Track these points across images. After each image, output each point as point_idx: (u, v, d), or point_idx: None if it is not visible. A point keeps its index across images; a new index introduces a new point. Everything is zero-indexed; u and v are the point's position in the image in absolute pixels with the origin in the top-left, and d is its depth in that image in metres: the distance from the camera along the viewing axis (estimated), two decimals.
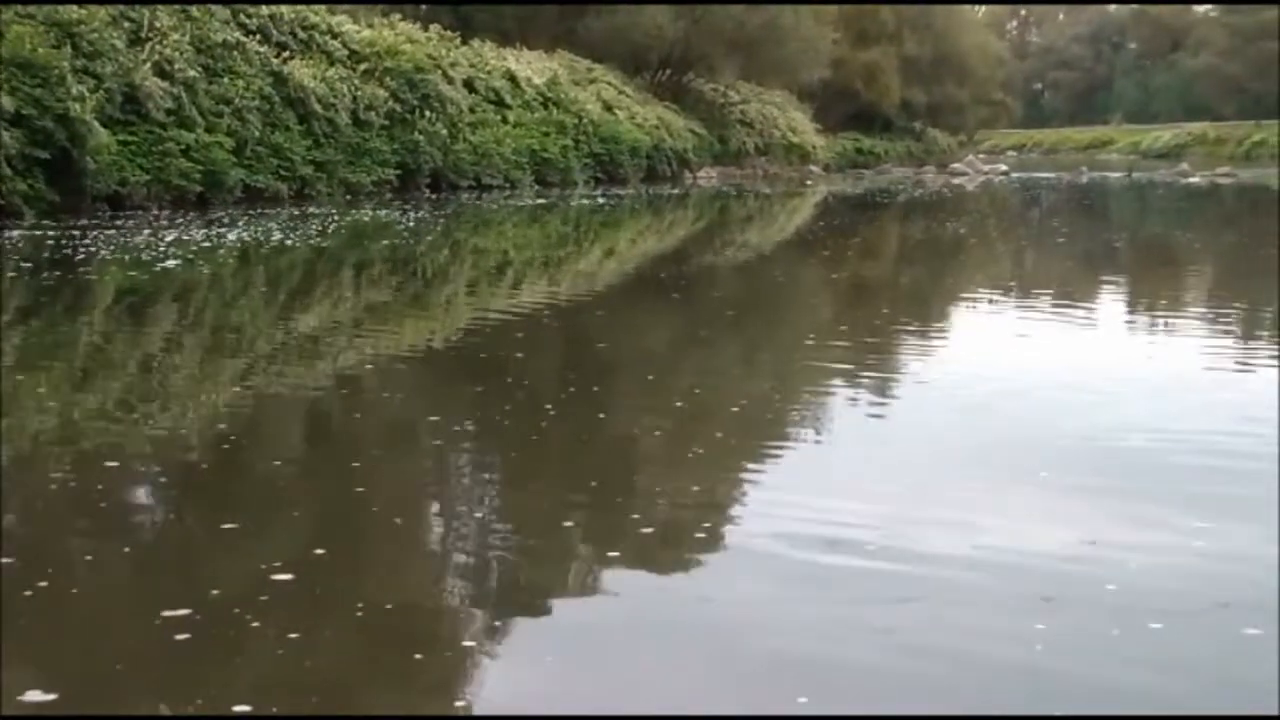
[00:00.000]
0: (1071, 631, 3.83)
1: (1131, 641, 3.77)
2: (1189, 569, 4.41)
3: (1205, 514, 5.05)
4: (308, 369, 8.59)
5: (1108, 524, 4.96)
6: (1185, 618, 3.96)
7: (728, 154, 45.66)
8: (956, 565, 4.41)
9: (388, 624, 3.93)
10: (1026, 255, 19.94)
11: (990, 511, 5.13)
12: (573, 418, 7.04)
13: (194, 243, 16.23)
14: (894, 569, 4.37)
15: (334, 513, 5.12)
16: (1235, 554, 4.56)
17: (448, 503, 5.46)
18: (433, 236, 18.91)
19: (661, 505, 5.39)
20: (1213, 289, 14.87)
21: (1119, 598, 4.09)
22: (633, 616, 4.07)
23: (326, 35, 27.61)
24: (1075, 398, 7.54)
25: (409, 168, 28.08)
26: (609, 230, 22.54)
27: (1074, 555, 4.51)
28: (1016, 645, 3.72)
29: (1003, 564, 4.44)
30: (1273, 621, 3.90)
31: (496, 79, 33.31)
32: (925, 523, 4.93)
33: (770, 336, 10.67)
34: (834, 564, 4.43)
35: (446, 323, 11.16)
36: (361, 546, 4.74)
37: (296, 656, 3.65)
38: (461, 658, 3.71)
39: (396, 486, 5.61)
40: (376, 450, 6.34)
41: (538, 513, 5.19)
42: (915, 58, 67.54)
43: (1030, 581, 4.27)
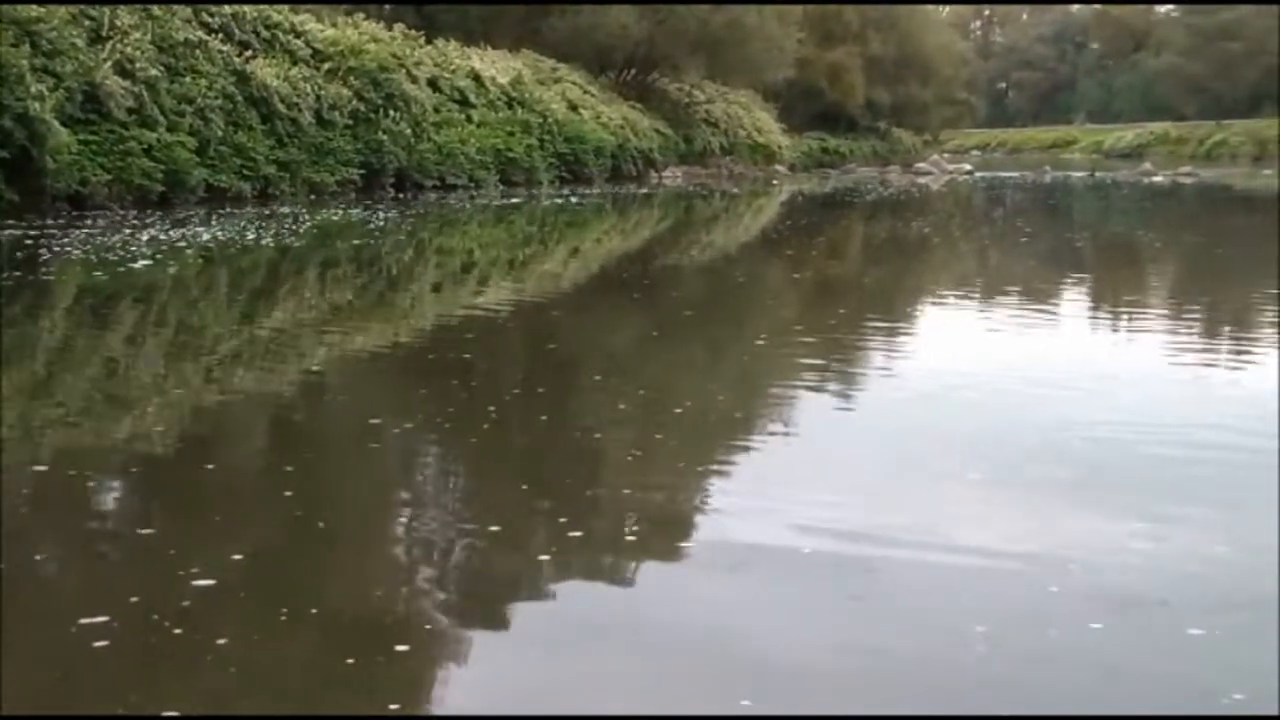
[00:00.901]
0: (1013, 632, 3.83)
1: (1070, 642, 3.76)
2: (1134, 567, 4.41)
3: (1157, 512, 5.07)
4: (258, 372, 8.50)
5: (1056, 522, 4.96)
6: (1127, 618, 3.96)
7: (693, 154, 45.67)
8: (910, 566, 4.42)
9: (316, 629, 3.88)
10: (991, 254, 20.02)
11: (946, 510, 5.14)
12: (536, 417, 7.02)
13: (166, 243, 16.09)
14: (852, 568, 4.37)
15: (261, 517, 5.06)
16: (1182, 552, 4.57)
17: (388, 506, 5.39)
18: (401, 236, 18.82)
19: (625, 504, 5.36)
20: (1174, 288, 14.97)
21: (1060, 598, 4.08)
22: (590, 617, 4.05)
23: (290, 34, 27.46)
24: (1036, 395, 7.58)
25: (373, 167, 27.95)
26: (574, 230, 22.50)
27: (1022, 554, 4.52)
28: (958, 647, 3.71)
29: (953, 564, 4.44)
30: (1216, 621, 3.90)
31: (461, 78, 33.20)
32: (883, 522, 4.92)
33: (735, 335, 10.66)
34: (794, 562, 4.43)
35: (411, 323, 11.11)
36: (288, 551, 4.69)
37: (223, 663, 3.61)
38: (397, 662, 3.67)
39: (329, 490, 5.54)
40: (313, 454, 6.29)
41: (497, 512, 5.16)
42: (880, 57, 67.73)
43: (977, 582, 4.27)
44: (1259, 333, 10.90)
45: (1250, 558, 4.53)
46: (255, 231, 18.37)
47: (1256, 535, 4.81)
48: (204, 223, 19.26)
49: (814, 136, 63.08)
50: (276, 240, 17.40)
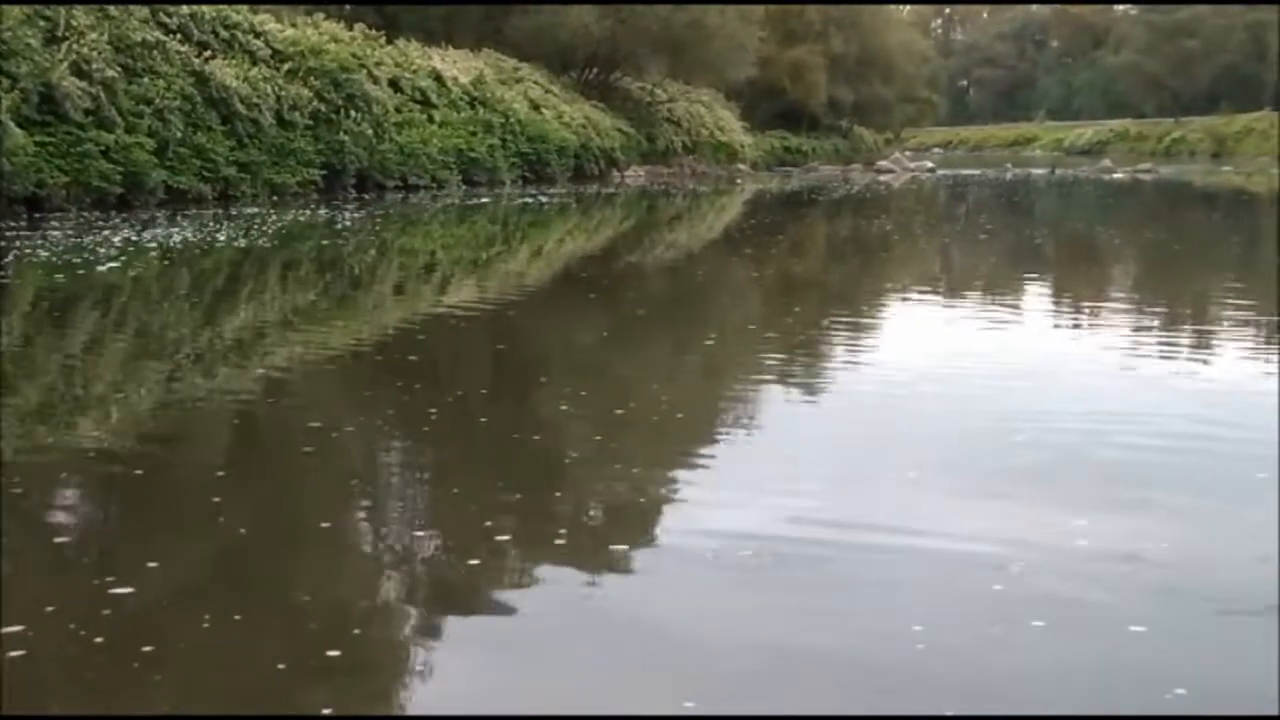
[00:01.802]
0: (953, 630, 3.83)
1: (1011, 639, 3.76)
2: (1080, 563, 4.41)
3: (1108, 506, 5.09)
4: (205, 377, 8.35)
5: (1006, 517, 4.98)
6: (1069, 614, 3.96)
7: (655, 153, 45.67)
8: (859, 562, 4.45)
9: (243, 636, 3.84)
10: (952, 252, 20.09)
11: (900, 506, 5.16)
12: (501, 417, 7.01)
13: (139, 245, 15.96)
14: (805, 564, 4.39)
15: (186, 524, 5.00)
16: (1128, 547, 4.56)
17: (316, 510, 5.33)
18: (368, 236, 18.75)
19: (589, 503, 5.36)
20: (1133, 284, 15.06)
21: (1003, 595, 4.09)
22: (552, 617, 4.04)
23: (249, 34, 27.28)
24: (994, 390, 7.62)
25: (334, 168, 27.82)
26: (537, 230, 22.46)
27: (971, 549, 4.54)
28: (898, 645, 3.71)
29: (902, 560, 4.46)
30: (1160, 618, 3.91)
31: (422, 79, 33.09)
32: (837, 518, 4.94)
33: (698, 334, 10.65)
34: (748, 561, 4.44)
35: (371, 325, 11.05)
36: (210, 557, 4.64)
37: (146, 671, 3.57)
38: (325, 667, 3.65)
39: (259, 495, 5.48)
40: (249, 459, 6.25)
41: (462, 513, 5.14)
42: (841, 56, 67.88)
43: (924, 578, 4.29)
44: (1216, 326, 10.99)
45: (1195, 552, 4.56)
46: (227, 232, 18.28)
47: (1203, 529, 4.85)
48: (169, 224, 19.13)
49: (776, 135, 63.16)
50: (249, 240, 17.32)
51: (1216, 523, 4.94)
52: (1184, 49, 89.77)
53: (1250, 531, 4.78)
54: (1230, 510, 5.11)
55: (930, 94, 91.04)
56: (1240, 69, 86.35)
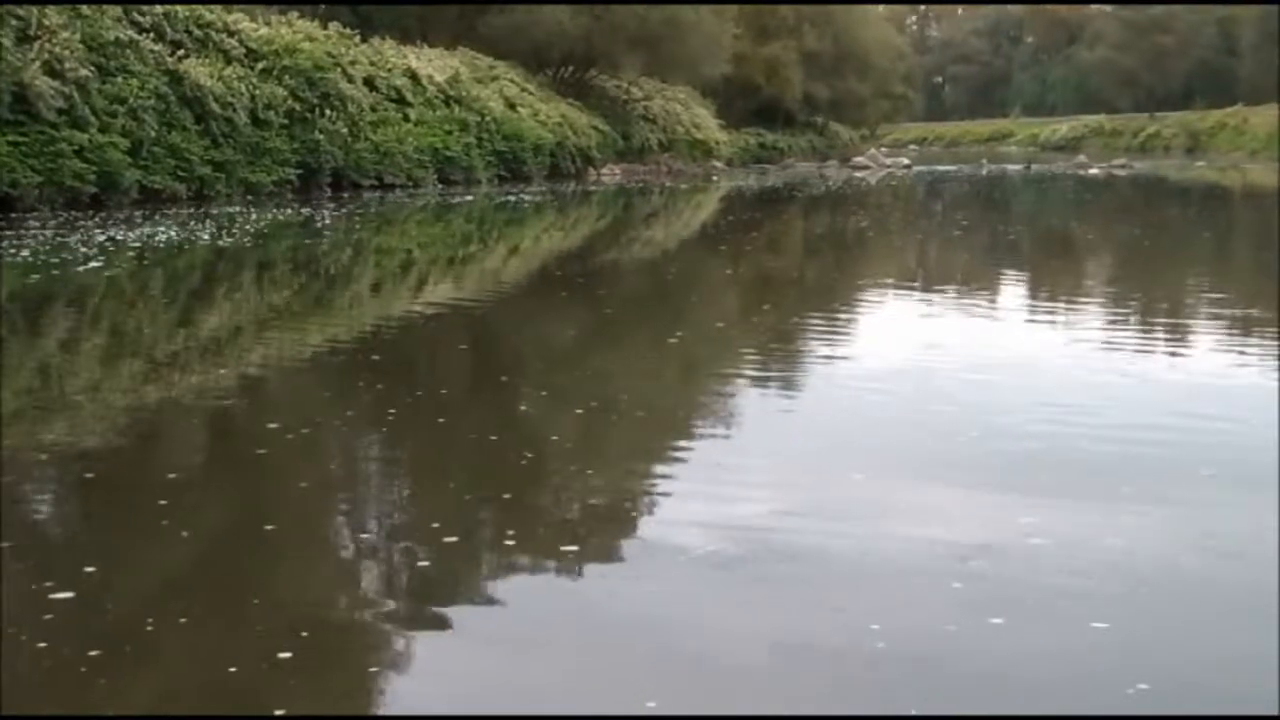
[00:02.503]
0: (910, 628, 3.82)
1: (970, 637, 3.76)
2: (1043, 560, 4.40)
3: (1074, 502, 5.10)
4: (166, 380, 8.33)
5: (972, 513, 4.98)
6: (1029, 612, 3.95)
7: (631, 150, 45.64)
8: (826, 560, 4.45)
9: (191, 639, 3.82)
10: (927, 248, 20.13)
11: (868, 502, 5.16)
12: (478, 416, 6.99)
13: (125, 245, 15.89)
14: (770, 560, 4.41)
15: (131, 527, 4.94)
16: (1092, 543, 4.56)
17: (263, 512, 5.31)
18: (347, 236, 18.72)
19: (566, 503, 5.34)
20: (1107, 281, 15.11)
21: (962, 593, 4.08)
22: (532, 617, 4.03)
23: (223, 33, 27.16)
24: (968, 386, 7.61)
25: (310, 167, 27.73)
26: (513, 228, 22.43)
27: (932, 545, 4.53)
28: (857, 643, 3.70)
29: (866, 556, 4.46)
30: (1121, 613, 3.91)
31: (397, 77, 32.99)
32: (802, 514, 4.94)
33: (675, 332, 10.63)
34: (724, 560, 4.45)
35: (349, 323, 11.03)
36: (149, 561, 4.59)
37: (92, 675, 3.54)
38: (275, 671, 3.62)
39: (202, 498, 5.42)
40: (202, 461, 6.20)
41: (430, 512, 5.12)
42: (816, 52, 67.87)
43: (887, 575, 4.29)
44: (1187, 321, 11.05)
45: (1155, 548, 4.55)
46: (209, 231, 18.21)
47: (1165, 525, 4.84)
48: (150, 223, 19.02)
49: (752, 132, 63.18)
50: (234, 240, 17.26)
51: (1178, 518, 4.94)
52: (1157, 45, 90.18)
53: (1210, 528, 4.79)
54: (1192, 505, 5.11)
55: (906, 90, 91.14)
56: (1213, 64, 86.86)
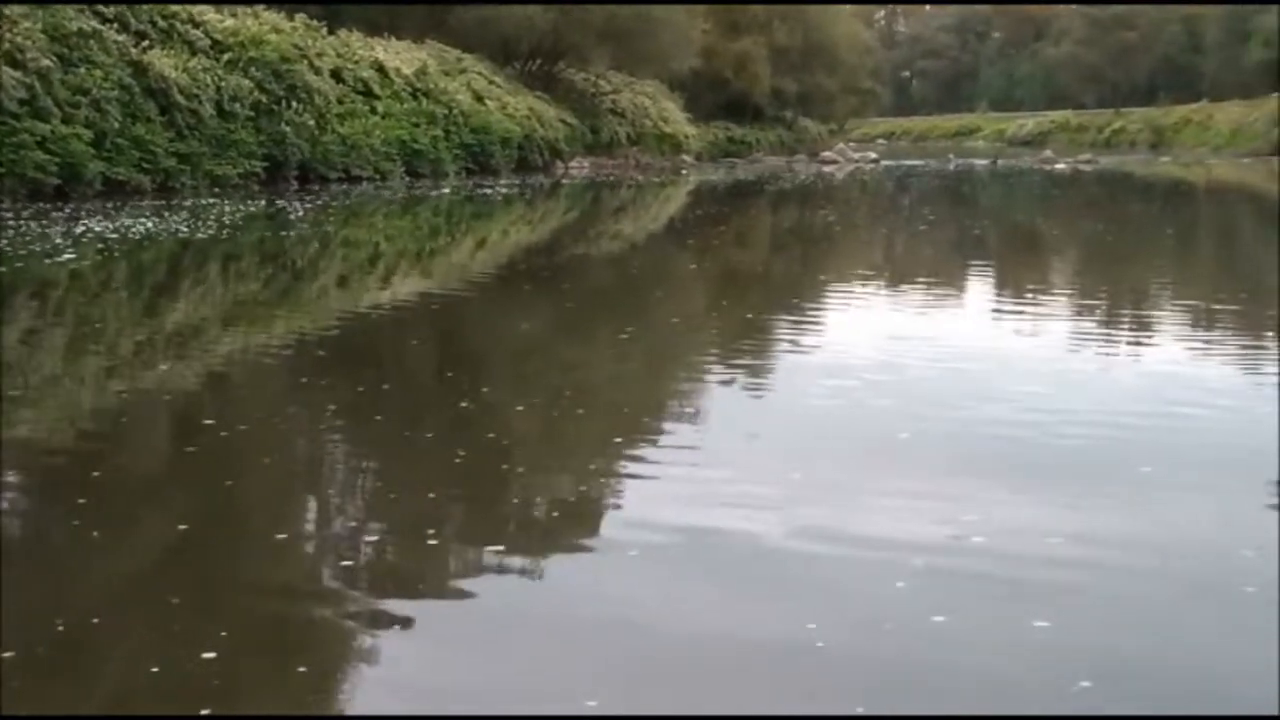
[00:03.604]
0: (849, 627, 3.82)
1: (910, 635, 3.75)
2: (985, 559, 4.40)
3: (1012, 503, 5.11)
4: (118, 376, 8.28)
5: (921, 511, 4.96)
6: (971, 611, 3.94)
7: (600, 144, 45.54)
8: (770, 558, 4.43)
9: (110, 640, 3.78)
10: (893, 243, 20.18)
11: (816, 501, 5.14)
12: (447, 410, 6.96)
13: (99, 235, 15.74)
14: (723, 561, 4.41)
15: (39, 527, 4.89)
16: (1038, 541, 4.55)
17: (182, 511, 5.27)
18: (315, 229, 18.61)
19: (536, 497, 5.32)
20: (1072, 276, 15.17)
21: (905, 592, 4.08)
22: (502, 611, 4.03)
23: (188, 24, 26.94)
24: (930, 381, 7.63)
25: (276, 159, 27.54)
26: (481, 222, 22.37)
27: (877, 544, 4.53)
28: (795, 640, 3.69)
29: (812, 558, 4.45)
30: (1062, 611, 3.90)
31: (365, 69, 32.81)
32: (745, 513, 4.91)
33: (643, 326, 10.62)
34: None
35: (313, 316, 10.96)
36: (59, 562, 4.52)
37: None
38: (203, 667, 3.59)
39: (120, 497, 5.33)
40: (126, 459, 6.10)
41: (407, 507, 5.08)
42: (785, 47, 67.86)
43: (830, 573, 4.28)
44: (1150, 317, 11.11)
45: (1097, 545, 4.54)
46: (178, 224, 18.08)
47: (1108, 522, 4.84)
48: (117, 215, 18.84)
49: (720, 126, 63.16)
50: (216, 232, 17.16)
51: (1121, 513, 4.94)
52: (1122, 41, 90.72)
53: (1155, 525, 4.80)
54: (1136, 503, 5.11)
55: (874, 85, 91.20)
56: (1177, 61, 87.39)
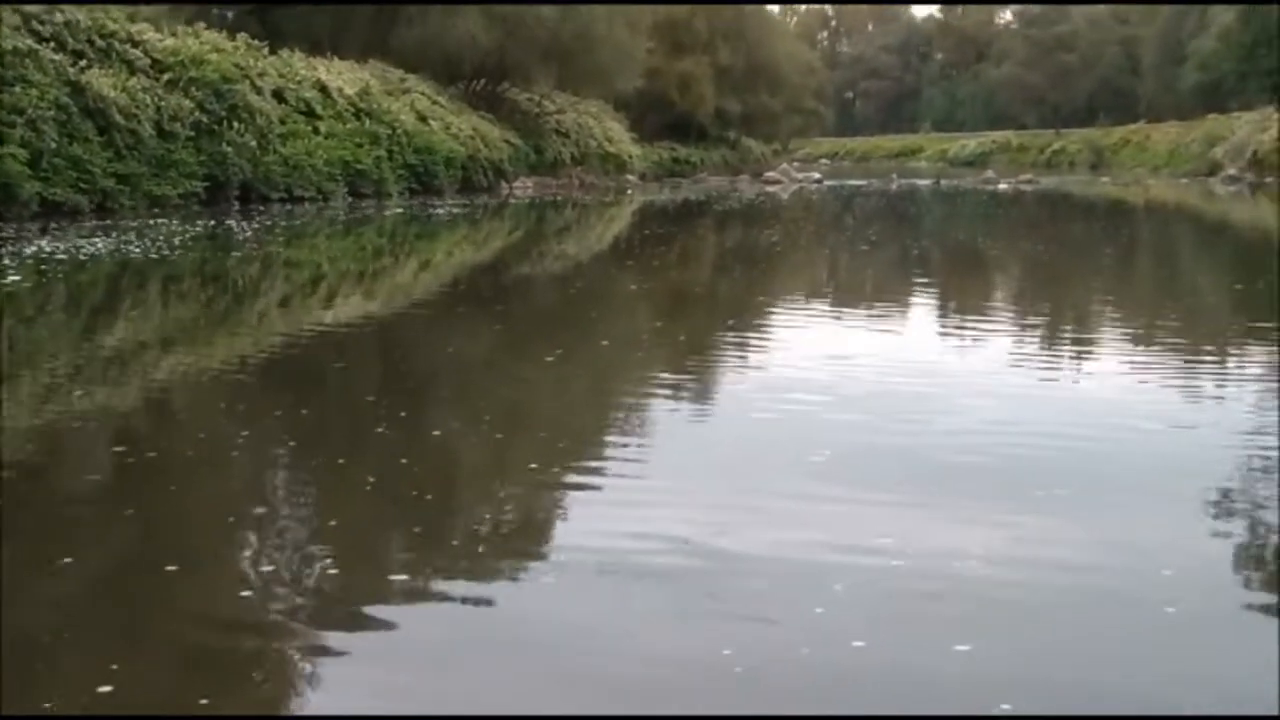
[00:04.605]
0: (769, 652, 3.81)
1: (827, 660, 3.75)
2: (904, 580, 4.39)
3: (952, 519, 5.14)
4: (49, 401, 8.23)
5: (843, 530, 4.98)
6: (890, 635, 3.94)
7: (544, 164, 45.55)
8: (693, 583, 4.41)
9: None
10: (838, 263, 20.27)
11: (740, 523, 5.11)
12: (389, 433, 6.92)
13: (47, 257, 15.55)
14: (639, 585, 4.40)
15: None
16: (950, 565, 4.55)
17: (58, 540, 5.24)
18: (256, 249, 18.47)
19: (479, 520, 5.30)
20: (1012, 296, 15.30)
21: (825, 616, 4.06)
22: (440, 631, 4.05)
23: (126, 44, 26.73)
24: (874, 401, 7.63)
25: (217, 180, 27.37)
26: (425, 242, 22.31)
27: (794, 569, 4.52)
28: (711, 667, 3.69)
29: (729, 579, 4.45)
30: (984, 636, 3.90)
31: (307, 89, 32.68)
32: (680, 539, 4.90)
33: (587, 346, 10.61)
34: (611, 580, 4.46)
35: (253, 339, 10.89)
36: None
37: None
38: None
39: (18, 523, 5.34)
40: (31, 484, 6.02)
41: (365, 526, 5.05)
42: (729, 67, 68.27)
43: (746, 599, 4.26)
44: (1089, 336, 11.22)
45: (1015, 567, 4.55)
46: (140, 245, 17.93)
47: (1025, 542, 4.85)
48: (59, 237, 18.67)
49: (665, 146, 63.40)
50: (169, 252, 17.02)
51: (1046, 535, 4.95)
52: (1062, 63, 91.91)
53: (1079, 545, 4.82)
54: (1061, 523, 5.13)
55: (817, 105, 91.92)
56: (1115, 82, 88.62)
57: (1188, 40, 71.42)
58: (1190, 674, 3.68)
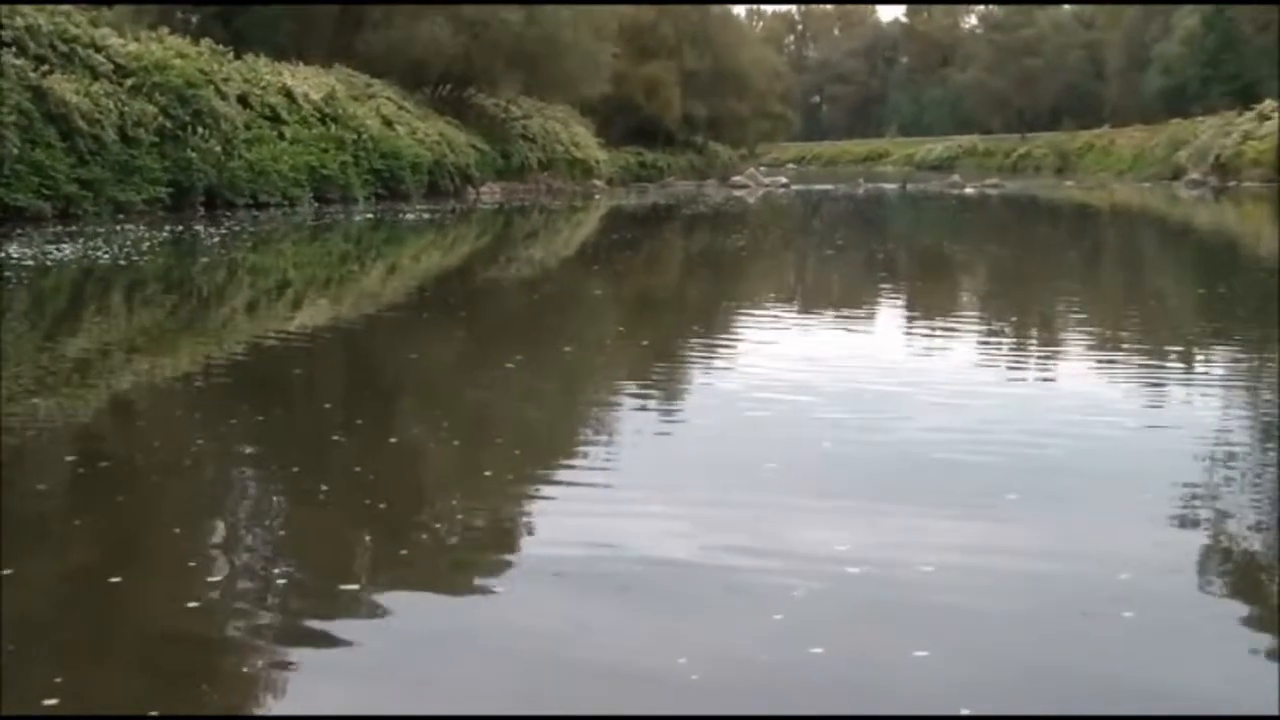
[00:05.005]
0: (725, 659, 3.80)
1: (783, 667, 3.74)
2: (862, 587, 4.38)
3: (914, 525, 5.13)
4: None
5: (804, 536, 4.96)
6: (848, 642, 3.93)
7: (511, 169, 45.48)
8: (652, 591, 4.40)
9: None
10: (805, 267, 20.31)
11: (703, 530, 5.11)
12: (356, 439, 6.87)
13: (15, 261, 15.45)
14: (601, 593, 4.38)
15: None
16: (907, 572, 4.52)
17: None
18: (221, 255, 18.37)
19: (447, 527, 5.27)
20: (981, 300, 15.34)
21: (783, 624, 4.05)
22: (396, 643, 4.00)
23: (89, 49, 26.55)
24: (832, 404, 7.63)
25: (182, 186, 27.21)
26: (391, 247, 22.23)
27: (753, 577, 4.50)
28: (669, 673, 3.67)
29: (693, 586, 4.43)
30: (942, 641, 3.89)
31: (272, 95, 32.53)
32: (641, 546, 4.89)
33: (554, 352, 10.58)
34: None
35: (218, 345, 10.82)
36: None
37: None
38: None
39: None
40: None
41: (321, 536, 5.01)
42: (695, 72, 68.35)
43: (706, 607, 4.25)
44: (1053, 339, 11.25)
45: (967, 573, 4.54)
46: (108, 251, 17.80)
47: (991, 547, 4.85)
48: (25, 242, 18.52)
49: (631, 151, 63.39)
50: (125, 260, 16.87)
51: (1004, 539, 4.95)
52: (1027, 68, 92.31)
53: (1037, 550, 4.81)
54: (1019, 526, 5.13)
55: (784, 110, 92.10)
56: (1080, 87, 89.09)
57: (1151, 45, 71.92)
58: (1147, 679, 3.67)
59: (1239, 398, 8.18)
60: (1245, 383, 8.83)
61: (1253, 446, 6.64)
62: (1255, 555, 4.85)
